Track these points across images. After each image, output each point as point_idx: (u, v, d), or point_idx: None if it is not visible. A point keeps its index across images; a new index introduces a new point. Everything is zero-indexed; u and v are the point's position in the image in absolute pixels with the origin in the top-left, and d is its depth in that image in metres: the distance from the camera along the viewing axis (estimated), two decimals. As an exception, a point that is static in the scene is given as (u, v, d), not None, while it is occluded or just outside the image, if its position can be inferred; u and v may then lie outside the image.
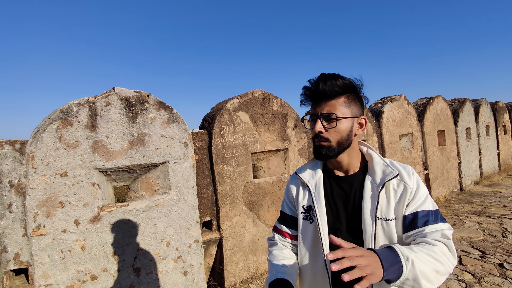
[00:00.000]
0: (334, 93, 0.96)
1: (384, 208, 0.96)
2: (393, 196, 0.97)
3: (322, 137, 0.98)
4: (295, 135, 3.60)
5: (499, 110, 8.84)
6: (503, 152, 8.83)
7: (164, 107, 2.62)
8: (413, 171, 1.01)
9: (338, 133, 0.97)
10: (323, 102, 0.98)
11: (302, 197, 1.11)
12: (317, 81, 0.98)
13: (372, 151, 1.08)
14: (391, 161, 1.04)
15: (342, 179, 1.06)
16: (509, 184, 7.01)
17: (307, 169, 1.14)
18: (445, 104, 6.51)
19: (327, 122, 0.98)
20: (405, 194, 0.95)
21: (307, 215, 1.08)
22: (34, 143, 2.07)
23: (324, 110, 0.97)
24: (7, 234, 1.99)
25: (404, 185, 0.96)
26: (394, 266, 0.78)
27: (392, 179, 0.97)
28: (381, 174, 0.99)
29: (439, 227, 0.92)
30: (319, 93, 0.97)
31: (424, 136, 5.81)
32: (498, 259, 3.24)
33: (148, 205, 2.50)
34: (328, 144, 0.98)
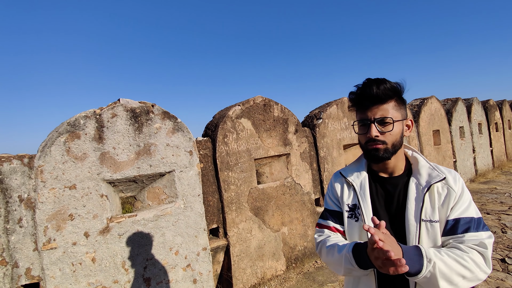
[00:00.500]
0: (387, 97, 0.99)
1: (429, 210, 0.98)
2: (437, 199, 0.98)
3: (378, 140, 0.99)
4: (296, 139, 3.64)
5: (490, 108, 9.02)
6: (496, 149, 9.00)
7: (169, 116, 2.65)
8: (458, 176, 1.02)
9: (393, 136, 1.00)
10: (375, 107, 1.00)
11: (348, 196, 1.13)
12: (370, 85, 0.99)
13: (418, 154, 1.10)
14: (436, 165, 1.06)
15: (386, 180, 1.08)
16: (504, 181, 7.14)
17: (351, 170, 1.17)
18: (438, 104, 6.64)
19: (382, 126, 1.00)
20: (449, 198, 0.97)
21: (352, 213, 1.10)
22: (42, 157, 2.08)
23: (377, 115, 0.99)
24: (18, 249, 1.98)
25: (449, 189, 0.98)
26: (414, 263, 0.83)
27: (438, 182, 0.98)
28: (427, 177, 1.01)
29: (479, 235, 0.92)
30: (372, 97, 0.99)
31: (420, 136, 5.92)
32: (500, 254, 3.30)
33: (156, 214, 2.51)
34: (385, 146, 1.00)
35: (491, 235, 0.95)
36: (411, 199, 1.00)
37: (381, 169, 1.10)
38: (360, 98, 1.02)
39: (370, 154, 1.03)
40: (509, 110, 10.31)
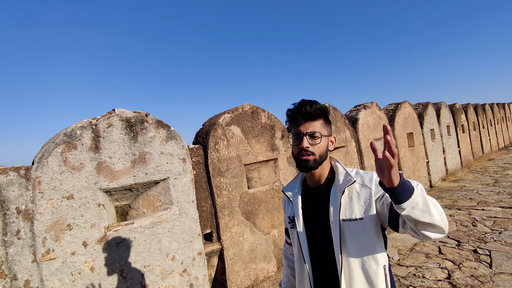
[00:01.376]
0: (317, 115, 1.16)
1: (348, 210, 1.12)
2: (356, 199, 1.13)
3: (308, 151, 1.14)
4: (283, 145, 3.80)
5: (456, 112, 9.67)
6: (463, 150, 9.63)
7: (162, 125, 2.71)
8: (376, 176, 1.15)
9: (320, 148, 1.16)
10: (307, 123, 1.16)
11: (288, 209, 1.33)
12: (304, 105, 1.16)
13: (338, 163, 1.25)
14: (357, 171, 1.21)
15: (314, 189, 1.25)
16: (472, 179, 7.67)
17: (290, 186, 1.34)
18: (411, 108, 7.06)
19: (312, 139, 1.15)
20: (368, 195, 1.12)
21: (292, 224, 1.28)
22: (40, 168, 2.09)
23: (308, 129, 1.15)
24: (17, 261, 1.97)
25: (366, 188, 1.13)
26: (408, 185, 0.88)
27: (351, 185, 1.13)
28: (342, 182, 1.16)
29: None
30: (305, 115, 1.16)
31: (395, 139, 6.27)
32: (472, 246, 3.59)
33: (152, 221, 2.56)
34: (313, 157, 1.15)
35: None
36: (331, 203, 1.16)
37: (311, 180, 1.26)
38: (296, 115, 1.17)
39: (301, 164, 1.17)
40: (473, 112, 11.08)
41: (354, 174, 1.17)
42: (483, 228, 4.13)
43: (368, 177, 1.16)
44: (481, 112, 11.85)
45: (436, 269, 3.14)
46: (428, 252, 3.59)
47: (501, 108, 14.93)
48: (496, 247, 3.44)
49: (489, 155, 11.37)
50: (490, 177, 7.56)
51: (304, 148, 1.14)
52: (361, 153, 5.27)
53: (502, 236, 3.73)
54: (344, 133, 4.89)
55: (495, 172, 8.05)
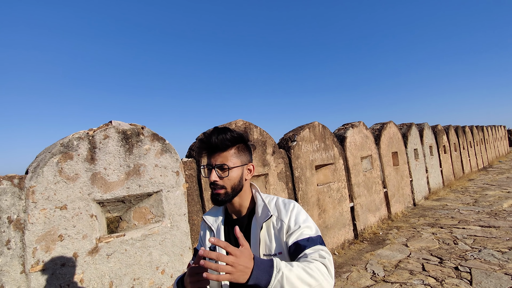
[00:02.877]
0: (225, 146, 1.10)
1: (267, 245, 1.09)
2: (273, 233, 1.10)
3: (217, 185, 1.10)
4: (274, 160, 3.88)
5: (438, 133, 10.07)
6: (445, 170, 9.97)
7: (158, 138, 2.76)
8: (293, 207, 1.13)
9: (230, 181, 1.10)
10: (217, 154, 1.11)
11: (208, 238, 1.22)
12: (210, 135, 1.11)
13: (258, 193, 1.20)
14: (276, 201, 1.17)
15: (235, 222, 1.20)
16: (453, 198, 7.93)
17: (212, 214, 1.27)
18: (396, 128, 7.33)
19: (221, 171, 1.10)
20: (282, 230, 1.09)
21: None
22: (34, 178, 2.10)
23: (217, 161, 1.10)
24: (5, 272, 1.94)
25: (281, 222, 1.10)
26: (264, 275, 0.85)
27: (269, 219, 1.10)
28: (260, 215, 1.12)
29: (317, 248, 1.01)
30: (213, 146, 1.10)
31: (381, 157, 6.47)
32: (454, 263, 3.72)
33: (143, 234, 2.56)
34: (224, 191, 1.11)
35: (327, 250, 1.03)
36: (252, 238, 1.12)
37: (232, 210, 1.21)
38: (205, 146, 1.13)
39: (213, 197, 1.13)
40: (454, 134, 11.55)
41: (273, 207, 1.15)
42: (464, 246, 4.28)
43: (285, 210, 1.13)
44: (461, 133, 12.36)
45: (420, 286, 3.23)
46: (412, 269, 3.68)
47: (480, 131, 15.60)
48: (476, 265, 3.57)
49: (469, 176, 11.78)
50: (470, 196, 7.84)
51: (212, 182, 1.10)
52: (348, 170, 5.41)
53: (482, 254, 3.88)
54: (332, 150, 5.03)
55: (475, 192, 8.35)
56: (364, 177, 5.76)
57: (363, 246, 4.82)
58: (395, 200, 6.65)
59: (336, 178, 5.03)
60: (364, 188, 5.69)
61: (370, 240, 5.05)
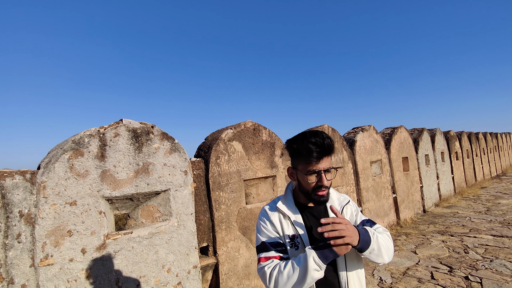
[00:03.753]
0: (332, 149, 1.17)
1: None
2: (349, 216, 1.32)
3: (326, 187, 1.18)
4: (282, 162, 3.87)
5: (451, 139, 9.87)
6: (456, 176, 9.76)
7: (167, 137, 2.78)
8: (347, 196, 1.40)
9: (331, 181, 1.23)
10: (325, 158, 1.15)
11: (287, 227, 1.25)
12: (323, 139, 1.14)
13: None
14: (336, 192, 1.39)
15: (312, 209, 1.29)
16: (465, 206, 7.76)
17: (284, 204, 1.30)
18: (407, 133, 7.22)
19: (328, 174, 1.18)
20: (352, 212, 1.34)
21: (292, 243, 1.23)
22: (46, 173, 2.13)
23: (326, 166, 1.16)
24: (15, 265, 1.97)
25: (352, 207, 1.35)
26: (366, 237, 1.12)
27: (347, 204, 1.33)
28: (337, 201, 1.33)
29: (377, 225, 1.31)
30: (325, 151, 1.14)
31: (391, 162, 6.37)
32: (464, 272, 3.63)
33: (151, 232, 2.58)
34: (327, 191, 1.20)
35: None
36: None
37: (304, 200, 1.30)
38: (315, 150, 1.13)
39: (318, 200, 1.20)
40: (467, 140, 11.31)
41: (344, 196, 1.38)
42: (475, 255, 4.17)
43: (350, 199, 1.38)
44: (474, 140, 12.10)
45: (428, 294, 3.17)
46: (421, 277, 3.61)
47: (493, 138, 15.25)
48: (487, 275, 3.48)
49: (481, 183, 11.52)
50: (483, 205, 7.66)
51: (324, 186, 1.17)
52: (357, 174, 5.35)
53: (493, 264, 3.78)
54: (341, 154, 4.98)
55: (487, 200, 8.16)
56: (373, 181, 5.68)
57: (370, 251, 4.74)
58: (405, 206, 6.54)
59: (344, 182, 4.98)
60: (373, 193, 5.62)
61: (378, 246, 4.97)
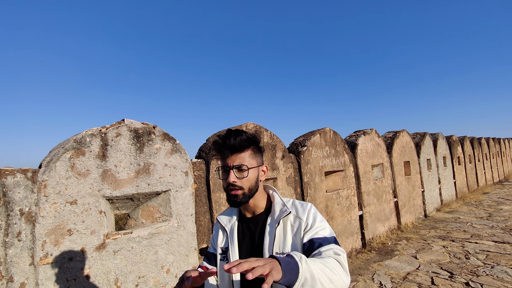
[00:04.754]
0: (243, 147, 1.12)
1: (281, 243, 1.09)
2: (290, 231, 1.11)
3: (236, 186, 1.10)
4: (283, 165, 3.86)
5: (453, 143, 9.84)
6: (458, 181, 9.72)
7: (168, 138, 2.78)
8: (310, 207, 1.15)
9: (248, 181, 1.11)
10: (234, 155, 1.11)
11: (222, 239, 1.24)
12: (227, 136, 1.11)
13: (276, 193, 1.23)
14: (293, 201, 1.19)
15: (249, 220, 1.21)
16: (466, 211, 7.72)
17: (226, 214, 1.28)
18: (409, 137, 7.20)
19: (239, 172, 1.11)
20: (300, 227, 1.10)
21: (224, 256, 1.20)
22: (47, 172, 2.14)
23: (235, 162, 1.11)
24: (15, 263, 1.98)
25: (299, 220, 1.11)
26: (291, 266, 0.82)
27: (286, 216, 1.11)
28: (278, 213, 1.14)
29: (331, 246, 1.02)
30: (230, 147, 1.11)
31: (392, 166, 6.36)
32: (464, 278, 3.61)
33: (150, 232, 2.58)
34: (242, 192, 1.11)
35: (342, 249, 1.02)
36: (266, 235, 1.12)
37: (246, 209, 1.22)
38: (221, 148, 1.13)
39: (230, 199, 1.13)
40: (469, 145, 11.27)
41: (290, 205, 1.16)
42: (476, 261, 4.15)
43: (302, 209, 1.14)
44: (477, 145, 12.05)
45: (428, 300, 3.15)
46: (421, 282, 3.59)
47: (496, 143, 15.18)
48: (488, 281, 3.45)
49: (483, 189, 11.46)
50: (484, 210, 7.62)
51: (231, 183, 1.10)
52: (358, 178, 5.34)
53: (495, 270, 3.75)
54: (343, 157, 4.98)
55: (489, 206, 8.11)
56: (374, 185, 5.66)
57: (370, 255, 4.73)
58: (406, 211, 6.51)
59: (345, 185, 4.96)
60: (374, 196, 5.60)
61: (378, 250, 4.96)
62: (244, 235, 1.19)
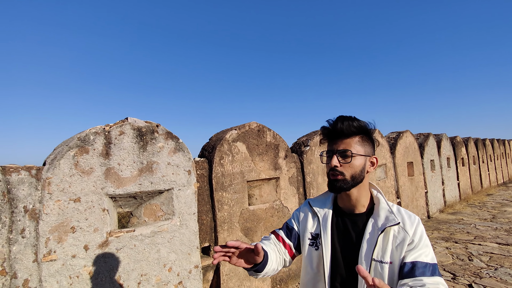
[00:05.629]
0: (350, 132, 1.07)
1: (380, 251, 1.04)
2: (392, 241, 1.04)
3: (337, 171, 1.07)
4: (286, 164, 3.86)
5: (457, 144, 9.78)
6: (462, 183, 9.66)
7: (172, 136, 2.79)
8: (418, 222, 1.07)
9: (352, 168, 1.06)
10: (340, 140, 1.08)
11: (312, 224, 1.20)
12: (336, 121, 1.09)
13: (381, 195, 1.14)
14: (399, 208, 1.11)
15: (348, 217, 1.15)
16: (470, 212, 7.67)
17: (319, 201, 1.24)
18: (412, 138, 7.16)
19: (343, 158, 1.07)
20: (404, 242, 1.02)
21: (313, 242, 1.16)
22: (51, 169, 2.15)
23: (340, 147, 1.07)
24: (18, 260, 1.99)
25: (404, 233, 1.03)
26: None
27: (393, 226, 1.04)
28: (383, 219, 1.06)
29: (437, 280, 0.96)
30: (337, 132, 1.08)
31: (396, 167, 6.33)
32: (467, 280, 3.59)
33: (153, 230, 2.59)
34: (343, 177, 1.06)
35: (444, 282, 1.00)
36: (366, 238, 1.07)
37: (345, 204, 1.16)
38: (328, 132, 1.11)
39: (330, 183, 1.10)
40: (473, 146, 11.19)
41: (397, 213, 1.08)
42: (479, 263, 4.12)
43: (410, 222, 1.06)
44: (481, 146, 11.96)
45: (430, 301, 3.13)
46: (423, 284, 3.57)
47: (501, 144, 15.06)
48: (492, 283, 3.43)
49: (487, 190, 11.38)
50: (488, 212, 7.57)
51: (332, 167, 1.07)
52: (361, 178, 5.32)
53: (498, 272, 3.73)
54: (345, 157, 4.96)
55: (493, 208, 8.05)
56: (377, 186, 5.64)
57: (373, 256, 4.71)
58: (409, 211, 6.48)
59: (348, 185, 4.94)
60: (376, 197, 5.57)
61: (381, 251, 4.94)
62: (340, 230, 1.14)
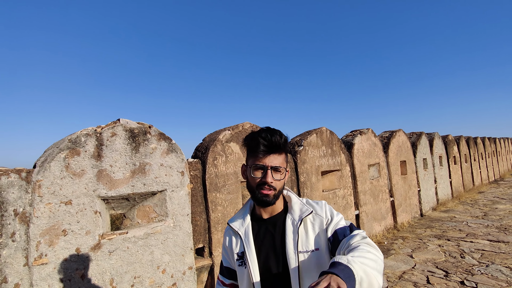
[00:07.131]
0: (283, 148, 1.11)
1: (304, 242, 1.09)
2: (311, 229, 1.11)
3: (271, 186, 1.08)
4: (279, 164, 3.86)
5: (449, 143, 9.89)
6: (454, 181, 9.78)
7: (164, 138, 2.78)
8: (325, 204, 1.18)
9: (280, 183, 1.11)
10: (273, 155, 1.09)
11: (235, 244, 1.20)
12: (273, 134, 1.09)
13: (291, 193, 1.23)
14: (307, 200, 1.20)
15: (267, 221, 1.18)
16: (462, 210, 7.76)
17: (237, 218, 1.24)
18: (405, 137, 7.23)
19: (277, 173, 1.09)
20: (321, 224, 1.11)
21: (241, 261, 1.17)
22: (41, 172, 2.13)
23: (274, 163, 1.08)
24: (9, 264, 1.96)
25: (319, 217, 1.12)
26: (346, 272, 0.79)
27: (308, 215, 1.12)
28: (299, 212, 1.13)
29: (355, 232, 1.03)
30: (273, 146, 1.08)
31: (389, 166, 6.38)
32: (459, 277, 3.63)
33: (146, 232, 2.57)
34: (274, 192, 1.09)
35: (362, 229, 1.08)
36: (288, 234, 1.11)
37: (265, 210, 1.19)
38: (262, 144, 1.09)
39: (260, 199, 1.10)
40: (465, 145, 11.33)
41: (307, 204, 1.16)
42: (471, 260, 4.18)
43: (319, 206, 1.16)
44: (473, 145, 12.12)
45: (423, 299, 3.16)
46: (416, 281, 3.61)
47: (492, 143, 15.29)
48: (483, 280, 3.48)
49: (479, 188, 11.54)
50: (480, 209, 7.67)
51: (268, 183, 1.08)
52: (355, 177, 5.35)
53: (489, 269, 3.78)
54: (339, 157, 4.99)
55: (485, 205, 8.17)
56: (370, 185, 5.68)
57: (367, 255, 4.74)
58: (402, 210, 6.54)
59: (342, 184, 4.98)
60: (370, 196, 5.62)
61: (375, 249, 4.97)
62: (262, 237, 1.17)
